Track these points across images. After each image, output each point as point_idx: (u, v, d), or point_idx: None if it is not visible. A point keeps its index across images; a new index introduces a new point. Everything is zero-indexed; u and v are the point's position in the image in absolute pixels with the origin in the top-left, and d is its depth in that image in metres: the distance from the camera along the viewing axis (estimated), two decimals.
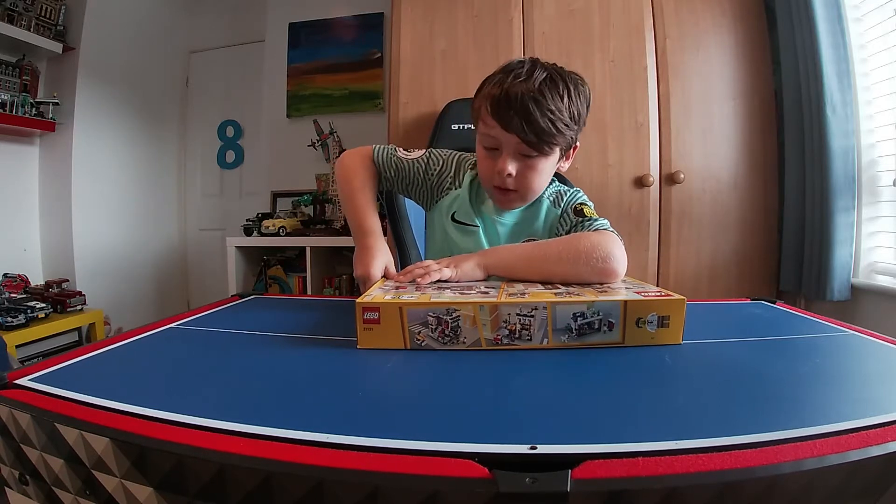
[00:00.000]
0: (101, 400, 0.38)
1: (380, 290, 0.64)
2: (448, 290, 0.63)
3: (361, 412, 0.38)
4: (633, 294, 0.58)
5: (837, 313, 1.21)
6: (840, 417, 0.35)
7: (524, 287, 0.65)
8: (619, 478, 0.28)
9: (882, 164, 1.43)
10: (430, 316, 0.55)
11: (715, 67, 1.71)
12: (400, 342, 0.55)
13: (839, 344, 0.58)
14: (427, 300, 0.56)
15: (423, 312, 0.55)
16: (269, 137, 2.92)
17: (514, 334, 0.55)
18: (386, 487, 0.27)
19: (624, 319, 0.55)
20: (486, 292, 0.61)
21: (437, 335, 0.55)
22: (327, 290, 2.53)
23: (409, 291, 0.62)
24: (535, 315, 0.55)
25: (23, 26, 2.25)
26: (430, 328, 0.55)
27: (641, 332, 0.55)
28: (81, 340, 2.37)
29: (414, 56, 1.84)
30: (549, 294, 0.59)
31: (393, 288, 0.66)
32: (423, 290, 0.64)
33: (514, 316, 0.55)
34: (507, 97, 0.75)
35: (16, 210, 2.41)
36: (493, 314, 0.55)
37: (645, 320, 0.55)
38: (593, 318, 0.55)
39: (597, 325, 0.55)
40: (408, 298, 0.57)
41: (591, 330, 0.55)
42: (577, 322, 0.55)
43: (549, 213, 0.89)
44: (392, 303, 0.55)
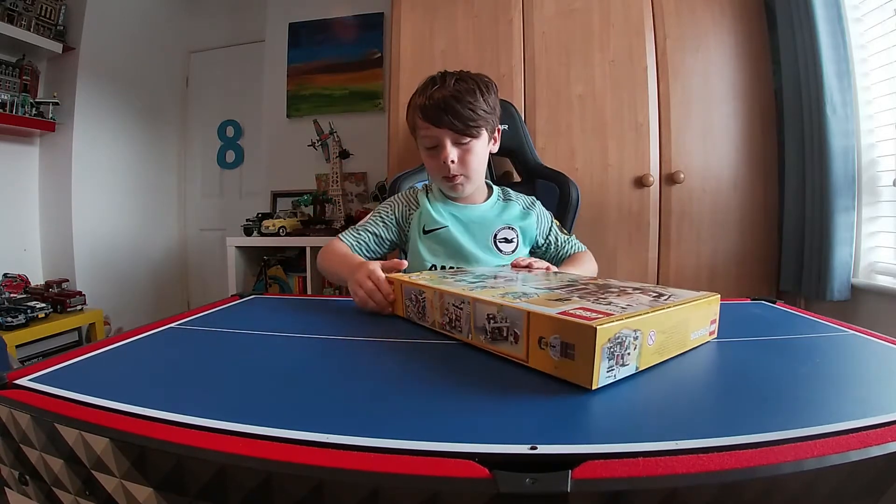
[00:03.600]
0: (101, 400, 0.38)
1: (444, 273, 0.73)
2: (476, 280, 0.65)
3: (361, 412, 0.38)
4: (567, 305, 0.48)
5: (837, 313, 1.21)
6: (840, 417, 0.35)
7: (542, 280, 0.67)
8: (619, 478, 0.28)
9: (882, 164, 1.43)
10: (412, 293, 0.66)
11: (715, 67, 1.71)
12: (402, 311, 0.69)
13: (839, 344, 0.58)
14: (412, 281, 0.66)
15: (410, 290, 0.66)
16: (269, 137, 2.92)
17: (452, 323, 0.57)
18: (386, 487, 0.27)
19: (527, 333, 0.47)
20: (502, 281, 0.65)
21: (415, 310, 0.66)
22: (327, 290, 2.53)
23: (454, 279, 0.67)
24: (462, 308, 0.55)
25: (23, 26, 2.25)
26: (412, 302, 0.66)
27: (543, 356, 0.45)
28: (81, 340, 2.37)
29: (414, 56, 1.84)
30: (507, 290, 0.57)
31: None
32: (462, 278, 0.68)
33: (452, 306, 0.57)
34: (433, 102, 0.93)
35: (16, 210, 2.41)
36: (441, 300, 0.59)
37: (547, 342, 0.45)
38: (502, 325, 0.50)
39: (504, 333, 0.49)
40: (413, 279, 0.68)
41: (500, 336, 0.50)
42: (490, 324, 0.51)
43: (524, 215, 1.05)
44: (398, 278, 0.70)
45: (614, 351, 0.42)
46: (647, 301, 0.51)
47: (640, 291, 0.57)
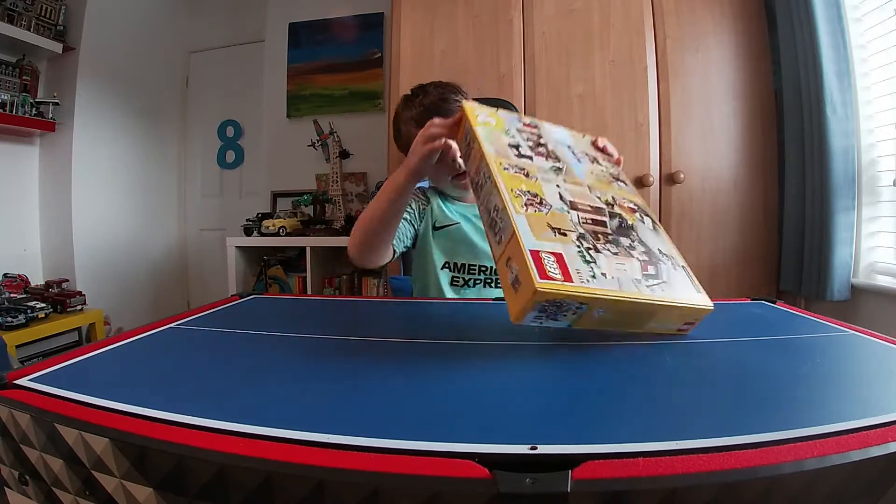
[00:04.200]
0: (101, 400, 0.38)
1: None
2: (537, 154, 0.63)
3: (361, 412, 0.38)
4: (567, 242, 0.50)
5: (837, 313, 1.20)
6: (840, 417, 0.35)
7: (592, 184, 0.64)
8: (619, 478, 0.28)
9: (882, 164, 1.43)
10: (468, 136, 0.63)
11: (715, 67, 1.71)
12: (460, 135, 0.67)
13: (839, 344, 0.58)
14: (473, 124, 0.63)
15: (468, 130, 0.64)
16: (269, 137, 2.92)
17: (478, 186, 0.58)
18: (386, 487, 0.27)
19: (505, 246, 0.50)
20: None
21: (465, 149, 0.65)
22: (327, 290, 2.53)
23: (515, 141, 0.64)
24: (486, 182, 0.56)
25: (23, 26, 2.25)
26: (464, 143, 0.65)
27: (504, 273, 0.49)
28: (81, 340, 2.37)
29: (414, 56, 1.84)
30: (535, 186, 0.56)
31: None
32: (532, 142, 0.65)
33: (483, 173, 0.57)
34: (425, 107, 0.97)
35: (16, 210, 2.41)
36: (479, 160, 0.58)
37: (510, 264, 0.48)
38: (498, 222, 0.52)
39: (496, 229, 0.52)
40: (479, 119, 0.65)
41: (495, 228, 0.53)
42: (492, 214, 0.54)
43: None
44: (470, 108, 0.65)
45: (548, 309, 0.46)
46: (635, 276, 0.51)
47: (645, 256, 0.55)
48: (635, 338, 0.57)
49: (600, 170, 0.69)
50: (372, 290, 2.52)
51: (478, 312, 0.78)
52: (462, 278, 0.98)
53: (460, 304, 0.85)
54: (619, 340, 0.56)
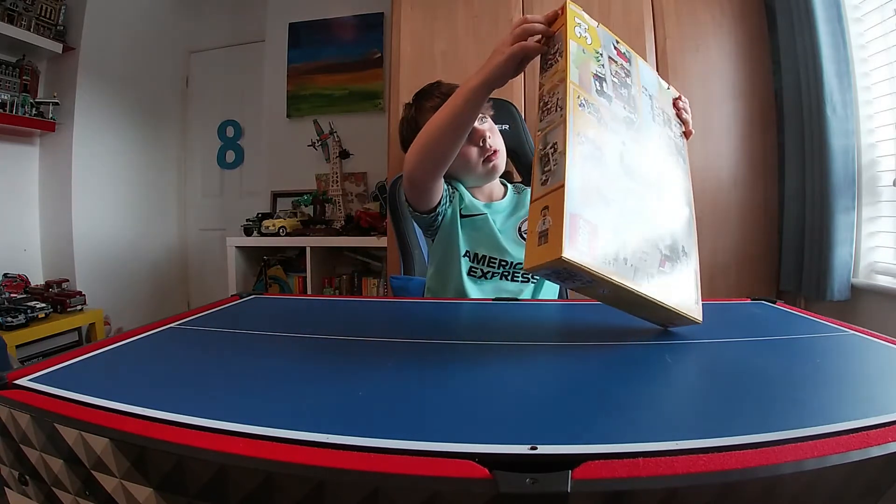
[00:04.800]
0: (101, 400, 0.38)
1: None
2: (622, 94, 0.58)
3: (361, 412, 0.38)
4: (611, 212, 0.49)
5: (837, 313, 1.20)
6: (840, 417, 0.35)
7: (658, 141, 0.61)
8: (619, 478, 0.28)
9: (882, 164, 1.43)
10: (557, 44, 0.57)
11: (715, 67, 1.71)
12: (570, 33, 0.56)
13: (839, 344, 0.58)
14: (565, 36, 0.55)
15: (559, 39, 0.57)
16: (269, 137, 2.92)
17: (546, 105, 0.53)
18: (386, 488, 0.27)
19: (545, 194, 0.47)
20: None
21: (549, 55, 0.59)
22: (327, 290, 2.53)
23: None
24: (557, 111, 0.51)
25: (23, 26, 2.25)
26: (553, 48, 0.58)
27: (536, 217, 0.47)
28: (81, 340, 2.37)
29: (414, 56, 1.84)
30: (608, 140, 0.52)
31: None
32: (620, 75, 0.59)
33: (556, 98, 0.52)
34: (445, 94, 0.90)
35: (16, 210, 2.41)
36: (559, 82, 0.53)
37: (545, 215, 0.46)
38: (551, 160, 0.49)
39: (544, 166, 0.49)
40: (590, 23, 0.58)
41: (543, 165, 0.50)
42: (548, 148, 0.50)
43: None
44: (573, 9, 0.57)
45: (562, 273, 0.46)
46: (651, 269, 0.52)
47: (668, 251, 0.55)
48: (636, 338, 0.58)
49: (668, 136, 0.64)
50: (372, 290, 2.52)
51: (478, 312, 0.78)
52: (481, 269, 0.98)
53: (461, 304, 0.85)
54: (619, 340, 0.56)
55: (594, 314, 0.80)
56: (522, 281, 0.99)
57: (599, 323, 0.72)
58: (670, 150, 0.64)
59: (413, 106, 1.05)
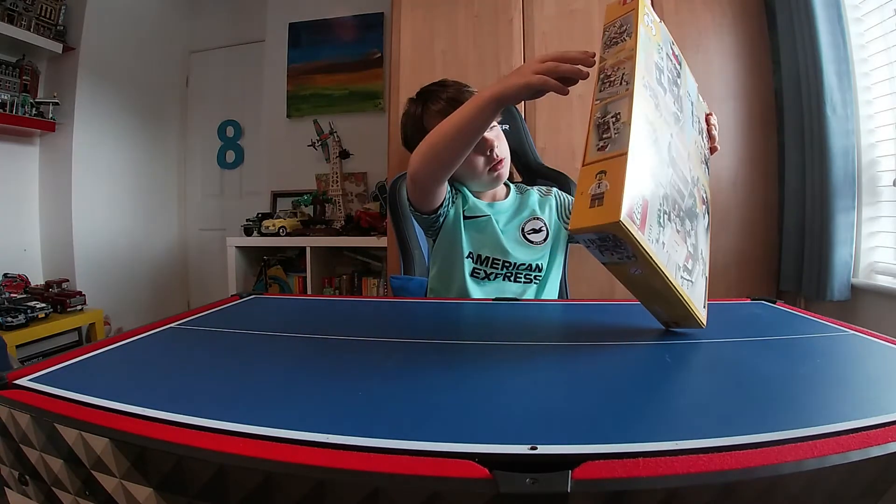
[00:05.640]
0: (101, 400, 0.38)
1: None
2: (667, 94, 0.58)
3: (361, 412, 0.38)
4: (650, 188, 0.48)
5: (837, 313, 1.21)
6: (840, 417, 0.35)
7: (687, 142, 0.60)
8: (619, 478, 0.28)
9: (882, 164, 1.43)
10: (627, 24, 0.55)
11: (715, 67, 1.71)
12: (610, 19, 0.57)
13: (839, 344, 0.58)
14: (636, 20, 0.55)
15: (629, 21, 0.55)
16: (269, 137, 2.92)
17: (607, 79, 0.52)
18: (386, 488, 0.27)
19: (603, 159, 0.47)
20: None
21: (612, 35, 0.56)
22: (327, 290, 2.53)
23: None
24: (621, 85, 0.51)
25: (23, 26, 2.25)
26: (620, 29, 0.55)
27: (589, 180, 0.47)
28: (81, 340, 2.37)
29: (414, 56, 1.84)
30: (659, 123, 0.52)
31: None
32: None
33: (621, 72, 0.51)
34: (449, 101, 0.96)
35: (16, 210, 2.42)
36: (624, 58, 0.52)
37: (601, 178, 0.46)
38: (611, 129, 0.48)
39: (603, 132, 0.49)
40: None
41: (600, 132, 0.49)
42: (608, 117, 0.49)
43: (542, 202, 1.06)
44: (633, 5, 0.56)
45: (608, 241, 0.44)
46: (679, 261, 0.52)
47: (692, 249, 0.56)
48: (636, 338, 0.57)
49: (700, 144, 0.66)
50: (372, 290, 2.52)
51: (478, 312, 0.78)
52: (484, 271, 0.98)
53: (461, 304, 0.85)
54: (619, 340, 0.56)
55: (594, 314, 0.80)
56: (525, 282, 0.99)
57: (599, 323, 0.72)
58: (700, 158, 0.65)
59: (419, 104, 1.04)
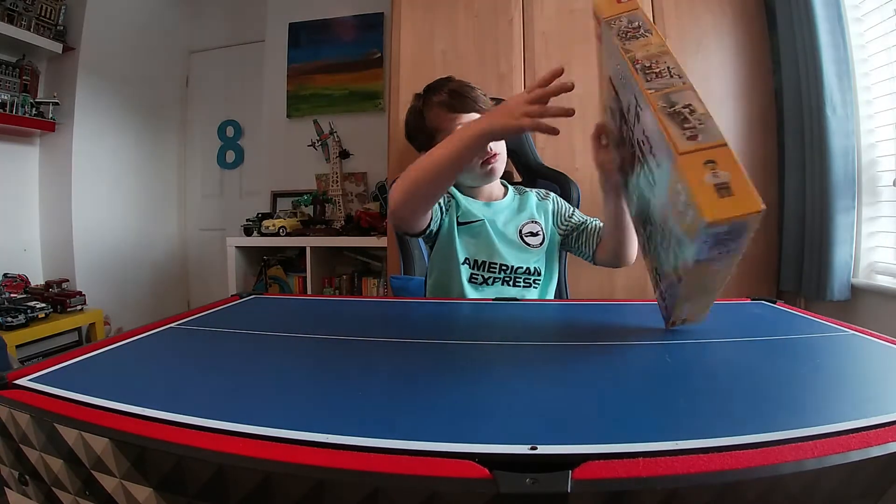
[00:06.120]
0: (101, 400, 0.38)
1: None
2: None
3: (361, 412, 0.37)
4: None
5: (837, 313, 1.20)
6: (841, 417, 0.35)
7: None
8: (619, 478, 0.28)
9: (882, 164, 1.43)
10: (638, 21, 0.59)
11: (715, 67, 1.71)
12: (609, 14, 0.63)
13: (839, 344, 0.58)
14: (648, 20, 0.58)
15: (640, 18, 0.59)
16: (269, 137, 2.92)
17: (647, 69, 0.52)
18: (386, 488, 0.27)
19: (705, 148, 0.46)
20: None
21: (624, 30, 0.59)
22: (327, 290, 2.53)
23: None
24: (674, 78, 0.52)
25: (23, 26, 2.25)
26: (631, 24, 0.59)
27: (698, 170, 0.44)
28: (81, 340, 2.37)
29: (414, 56, 1.84)
30: None
31: None
32: None
33: (665, 65, 0.53)
34: (451, 93, 0.97)
35: (16, 210, 2.41)
36: (660, 52, 0.53)
37: (715, 168, 0.44)
38: (692, 119, 0.48)
39: (687, 126, 0.48)
40: None
41: (678, 122, 0.48)
42: (682, 108, 0.49)
43: (539, 206, 1.06)
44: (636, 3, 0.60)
45: (733, 234, 0.41)
46: None
47: None
48: (636, 338, 0.57)
49: None
50: (372, 290, 2.52)
51: (478, 312, 0.78)
52: (482, 276, 0.97)
53: (461, 304, 0.85)
54: (620, 340, 0.56)
55: (594, 314, 0.80)
56: (524, 286, 0.98)
57: (599, 323, 0.72)
58: None
59: (421, 98, 1.04)
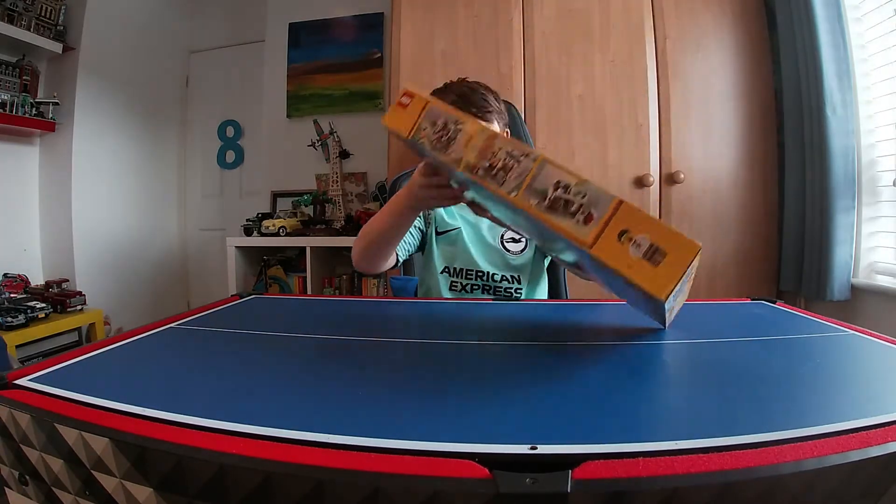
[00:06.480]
0: (101, 400, 0.38)
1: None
2: None
3: (361, 412, 0.37)
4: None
5: (837, 313, 1.20)
6: (840, 417, 0.35)
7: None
8: (619, 478, 0.28)
9: (882, 164, 1.43)
10: (441, 119, 0.56)
11: (715, 67, 1.71)
12: (407, 131, 0.57)
13: (839, 344, 0.58)
14: (447, 107, 0.56)
15: (439, 113, 0.56)
16: (269, 137, 2.92)
17: (492, 170, 0.50)
18: (386, 488, 0.27)
19: (608, 220, 0.43)
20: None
21: (435, 137, 0.55)
22: (327, 290, 2.53)
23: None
24: (521, 161, 0.48)
25: (23, 26, 2.24)
26: (435, 129, 0.55)
27: (618, 250, 0.42)
28: (81, 340, 2.37)
29: (414, 56, 1.84)
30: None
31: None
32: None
33: (503, 153, 0.50)
34: (444, 91, 0.96)
35: (16, 210, 2.41)
36: (488, 142, 0.51)
37: (631, 237, 0.42)
38: (574, 199, 0.44)
39: (573, 209, 0.44)
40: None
41: (564, 210, 0.45)
42: (555, 192, 0.45)
43: None
44: (424, 96, 0.58)
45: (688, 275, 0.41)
46: None
47: None
48: (635, 338, 0.57)
49: None
50: (372, 291, 2.52)
51: (478, 312, 0.78)
52: (460, 283, 0.99)
53: (460, 304, 0.85)
54: (619, 340, 0.56)
55: (594, 314, 0.80)
56: (505, 294, 0.99)
57: (599, 323, 0.72)
58: None
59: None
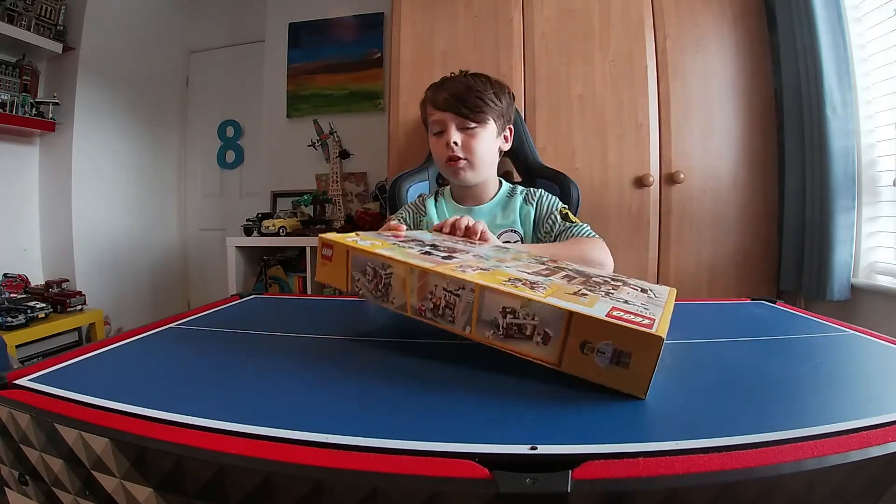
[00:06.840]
0: (101, 400, 0.38)
1: (370, 234, 0.63)
2: (431, 251, 0.58)
3: (361, 412, 0.37)
4: (601, 304, 0.44)
5: (837, 313, 1.20)
6: (840, 417, 0.35)
7: (508, 259, 0.59)
8: (619, 478, 0.28)
9: (882, 164, 1.43)
10: (368, 266, 0.53)
11: (715, 67, 1.71)
12: (344, 284, 0.55)
13: (839, 344, 0.58)
14: (370, 250, 0.54)
15: (364, 261, 0.54)
16: (269, 137, 2.92)
17: (438, 311, 0.48)
18: (386, 488, 0.27)
19: (565, 336, 0.41)
20: (453, 256, 0.56)
21: (371, 287, 0.54)
22: (327, 291, 2.53)
23: (390, 241, 0.59)
24: (461, 295, 0.46)
25: (23, 26, 2.25)
26: (367, 278, 0.54)
27: (586, 361, 0.41)
28: (81, 340, 2.37)
29: (414, 56, 1.84)
30: (503, 274, 0.50)
31: (390, 237, 0.62)
32: (404, 244, 0.59)
33: (441, 290, 0.48)
34: (441, 87, 1.00)
35: (16, 210, 2.41)
36: (421, 281, 0.49)
37: (594, 347, 0.40)
38: (525, 322, 0.43)
39: (529, 332, 0.43)
40: (363, 244, 0.55)
41: (520, 334, 0.44)
42: (507, 319, 0.44)
43: (522, 209, 1.03)
44: (341, 243, 0.55)
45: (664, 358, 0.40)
46: (642, 300, 0.51)
47: (624, 285, 0.55)
48: None
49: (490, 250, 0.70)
50: None
51: None
52: None
53: None
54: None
55: None
56: None
57: None
58: (495, 250, 0.71)
59: (429, 89, 1.06)
